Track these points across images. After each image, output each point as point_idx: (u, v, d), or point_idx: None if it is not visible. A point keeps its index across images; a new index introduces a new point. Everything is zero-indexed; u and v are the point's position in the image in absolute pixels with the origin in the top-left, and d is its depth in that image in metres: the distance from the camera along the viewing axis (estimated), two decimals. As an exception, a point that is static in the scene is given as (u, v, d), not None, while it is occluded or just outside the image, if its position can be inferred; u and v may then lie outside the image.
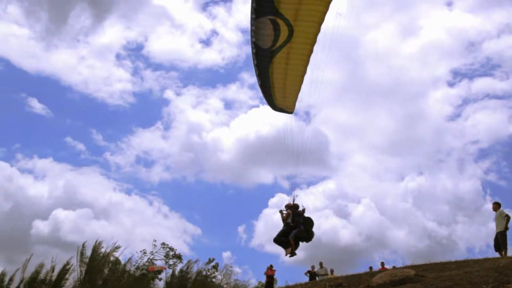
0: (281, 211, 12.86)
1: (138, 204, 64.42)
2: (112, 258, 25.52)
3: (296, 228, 12.45)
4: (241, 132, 75.31)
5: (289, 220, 12.54)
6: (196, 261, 29.16)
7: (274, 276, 24.94)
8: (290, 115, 13.94)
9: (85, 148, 70.30)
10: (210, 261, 32.86)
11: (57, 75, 75.62)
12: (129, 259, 27.58)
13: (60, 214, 51.43)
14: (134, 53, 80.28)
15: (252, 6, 11.33)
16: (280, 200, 54.89)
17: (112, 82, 77.42)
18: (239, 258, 65.49)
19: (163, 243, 33.56)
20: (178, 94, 79.83)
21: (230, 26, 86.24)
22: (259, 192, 71.06)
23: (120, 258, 26.78)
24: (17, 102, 72.47)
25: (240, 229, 63.16)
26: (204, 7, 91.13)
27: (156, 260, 31.67)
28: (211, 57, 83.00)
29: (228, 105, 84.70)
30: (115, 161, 70.44)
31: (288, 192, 13.34)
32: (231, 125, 79.34)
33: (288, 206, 12.86)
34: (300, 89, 13.00)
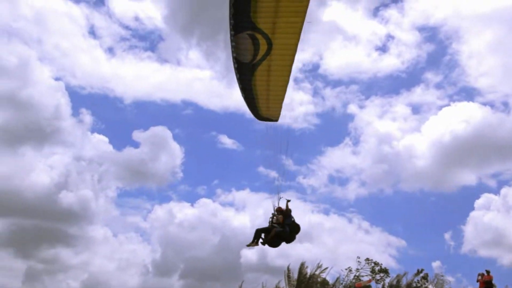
0: (273, 215, 13.51)
1: (337, 223, 63.91)
2: (319, 279, 25.68)
3: (283, 227, 13.22)
4: (434, 135, 72.46)
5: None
6: (404, 274, 28.93)
7: (493, 282, 24.62)
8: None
9: (278, 175, 70.12)
10: (418, 272, 32.15)
11: (241, 109, 75.92)
12: (337, 278, 27.71)
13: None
14: (312, 74, 79.18)
15: (230, 23, 11.55)
16: (487, 201, 56.11)
17: (294, 107, 77.17)
18: (450, 266, 64.64)
19: (367, 259, 33.23)
20: (361, 107, 78.18)
21: (405, 27, 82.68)
22: (463, 195, 67.64)
23: (328, 278, 26.98)
24: (209, 141, 73.95)
25: (447, 236, 59.98)
26: (375, 13, 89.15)
27: (362, 276, 31.54)
28: (390, 62, 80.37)
29: (416, 109, 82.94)
30: (309, 183, 70.27)
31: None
32: (422, 130, 74.66)
33: (279, 211, 13.47)
34: (284, 98, 13.29)
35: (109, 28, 75.95)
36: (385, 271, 33.30)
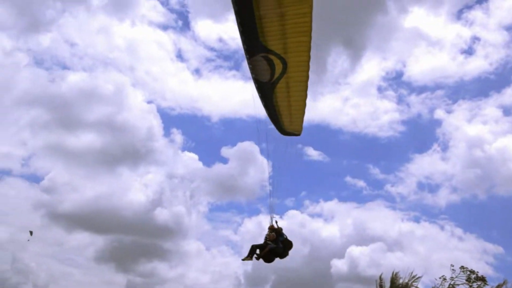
0: (268, 234, 14.27)
1: (429, 231, 64.75)
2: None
3: (277, 244, 13.97)
4: (528, 135, 74.61)
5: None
6: (504, 282, 28.58)
7: None
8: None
9: (366, 184, 74.29)
10: (519, 280, 30.85)
11: (326, 120, 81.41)
12: None
13: (355, 251, 53.92)
14: (395, 81, 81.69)
15: (243, 48, 12.58)
16: None
17: (378, 115, 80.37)
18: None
19: (462, 267, 32.07)
20: (448, 112, 78.51)
21: (491, 27, 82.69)
22: None
23: (421, 287, 27.92)
24: (295, 154, 79.81)
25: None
26: (459, 16, 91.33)
27: (457, 285, 31.92)
28: (478, 65, 79.88)
29: (508, 111, 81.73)
30: (398, 191, 73.49)
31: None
32: (515, 132, 78.74)
33: (271, 229, 14.23)
34: (304, 112, 13.97)
35: (195, 51, 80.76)
36: (482, 279, 31.26)
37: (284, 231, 13.99)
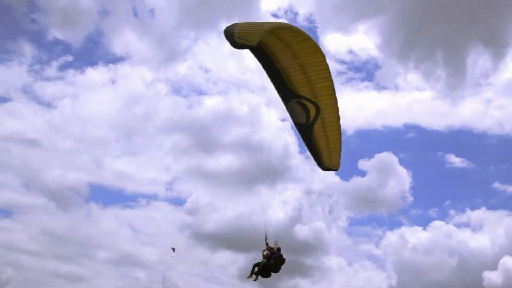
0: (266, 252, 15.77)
1: None
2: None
3: (268, 261, 15.49)
4: None
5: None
6: None
7: None
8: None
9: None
10: None
11: (468, 125, 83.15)
12: None
13: (509, 261, 51.42)
14: None
15: (279, 95, 14.71)
16: None
17: None
18: None
19: None
20: None
21: None
22: None
23: None
24: (436, 162, 76.32)
25: None
26: None
27: None
28: None
29: None
30: None
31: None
32: None
33: (268, 249, 15.65)
34: (341, 149, 15.41)
35: None
36: None
37: (282, 251, 15.49)
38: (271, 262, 15.30)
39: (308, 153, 16.00)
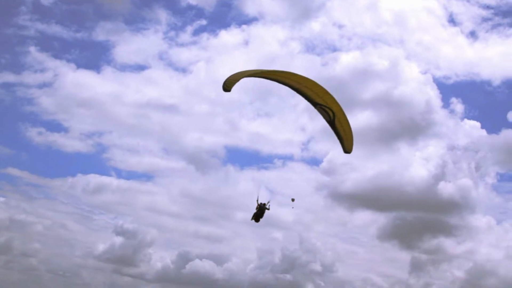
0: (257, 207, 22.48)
1: None
2: None
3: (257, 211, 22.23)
4: None
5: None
6: None
7: None
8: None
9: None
10: None
11: None
12: None
13: None
14: None
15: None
16: None
17: None
18: None
19: None
20: None
21: None
22: None
23: None
24: None
25: None
26: None
27: None
28: None
29: None
30: None
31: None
32: None
33: (258, 204, 22.30)
34: (353, 139, 21.89)
35: (468, 12, 76.96)
36: None
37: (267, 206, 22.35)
38: (257, 213, 22.58)
39: (452, 107, 20.32)
